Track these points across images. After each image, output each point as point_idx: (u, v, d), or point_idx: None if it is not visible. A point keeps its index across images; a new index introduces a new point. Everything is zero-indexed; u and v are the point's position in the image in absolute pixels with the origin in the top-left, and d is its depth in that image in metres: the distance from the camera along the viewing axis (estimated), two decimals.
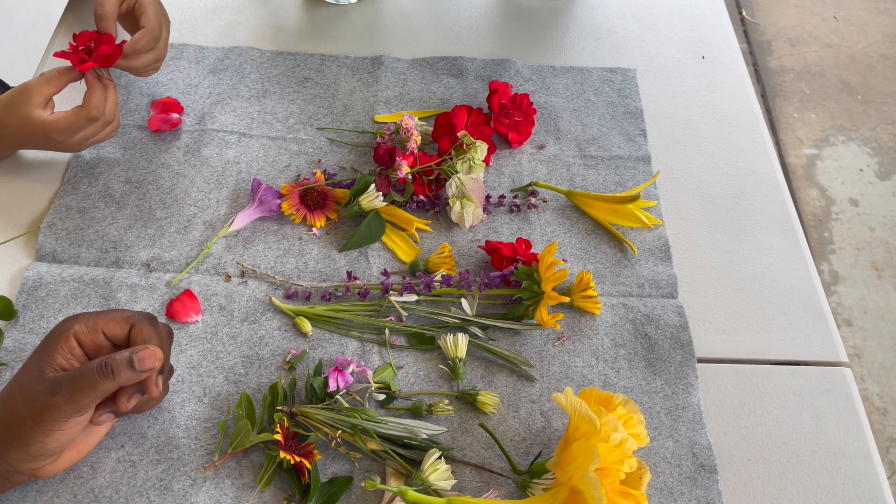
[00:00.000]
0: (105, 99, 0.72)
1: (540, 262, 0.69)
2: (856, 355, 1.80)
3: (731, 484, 0.64)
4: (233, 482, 0.61)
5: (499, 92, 0.84)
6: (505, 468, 0.63)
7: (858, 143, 2.23)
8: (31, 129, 0.71)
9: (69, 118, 0.71)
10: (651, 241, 0.78)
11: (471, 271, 0.74)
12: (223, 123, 0.85)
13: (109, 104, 0.73)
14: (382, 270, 0.73)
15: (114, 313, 0.57)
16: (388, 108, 0.88)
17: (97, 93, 0.72)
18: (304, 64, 0.92)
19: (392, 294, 0.70)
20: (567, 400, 0.58)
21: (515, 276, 0.70)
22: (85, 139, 0.74)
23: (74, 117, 0.71)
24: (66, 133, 0.72)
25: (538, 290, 0.68)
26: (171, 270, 0.73)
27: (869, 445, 0.67)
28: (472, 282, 0.71)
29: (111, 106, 0.73)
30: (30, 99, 0.70)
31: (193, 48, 0.93)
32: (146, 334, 0.56)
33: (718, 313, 0.74)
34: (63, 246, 0.73)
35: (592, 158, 0.85)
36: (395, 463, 0.61)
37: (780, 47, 2.48)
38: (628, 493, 0.57)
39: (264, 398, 0.64)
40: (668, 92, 0.94)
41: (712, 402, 0.69)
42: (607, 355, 0.70)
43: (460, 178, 0.77)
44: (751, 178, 0.86)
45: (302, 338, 0.69)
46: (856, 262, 1.97)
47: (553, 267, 0.68)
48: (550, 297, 0.67)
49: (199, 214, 0.77)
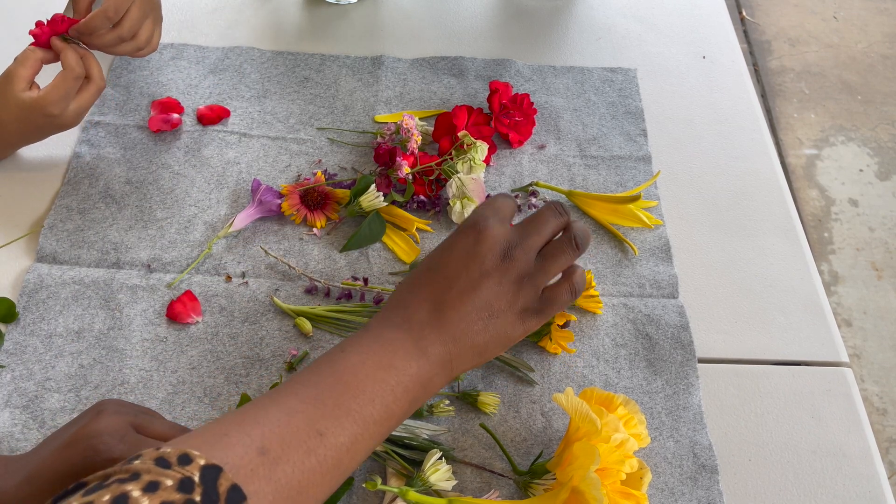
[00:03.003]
0: (81, 57, 0.73)
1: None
2: (856, 355, 1.81)
3: (732, 484, 0.64)
4: None
5: (499, 92, 0.84)
6: (506, 469, 0.63)
7: (858, 144, 2.23)
8: (27, 113, 0.72)
9: (56, 85, 0.72)
10: (652, 241, 0.78)
11: None
12: (223, 123, 0.85)
13: (88, 62, 0.74)
14: (397, 284, 0.72)
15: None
16: (388, 108, 0.88)
17: (69, 52, 0.72)
18: (304, 64, 0.92)
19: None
20: (568, 400, 0.58)
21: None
22: (79, 107, 0.74)
23: (60, 81, 0.72)
24: (60, 102, 0.72)
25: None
26: (171, 271, 0.73)
27: (869, 445, 0.67)
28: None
29: (91, 63, 0.74)
30: (13, 84, 0.71)
31: (193, 48, 0.93)
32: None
33: (719, 313, 0.74)
34: (64, 247, 0.73)
35: (593, 158, 0.85)
36: (395, 463, 0.61)
37: (780, 47, 2.48)
38: (629, 494, 0.57)
39: None
40: (669, 92, 0.94)
41: (713, 402, 0.69)
42: (608, 355, 0.70)
43: (461, 178, 0.77)
44: (751, 178, 0.86)
45: (303, 338, 0.69)
46: (855, 263, 1.97)
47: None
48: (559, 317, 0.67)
49: (200, 215, 0.77)
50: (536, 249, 0.55)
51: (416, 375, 0.51)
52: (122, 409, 0.56)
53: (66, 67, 0.72)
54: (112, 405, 0.56)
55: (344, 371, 0.49)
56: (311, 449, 0.45)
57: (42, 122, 0.73)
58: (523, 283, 0.54)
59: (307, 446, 0.44)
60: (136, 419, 0.56)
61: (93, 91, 0.75)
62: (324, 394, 0.47)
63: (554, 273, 0.56)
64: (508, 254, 0.54)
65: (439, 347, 0.52)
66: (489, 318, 0.53)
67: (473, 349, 0.53)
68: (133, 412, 0.56)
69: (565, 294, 0.56)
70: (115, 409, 0.56)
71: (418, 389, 0.51)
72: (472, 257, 0.54)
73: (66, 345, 0.67)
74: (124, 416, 0.55)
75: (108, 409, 0.56)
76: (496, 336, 0.54)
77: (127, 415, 0.56)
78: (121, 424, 0.55)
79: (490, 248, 0.54)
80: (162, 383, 0.66)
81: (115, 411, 0.56)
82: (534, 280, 0.55)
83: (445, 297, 0.53)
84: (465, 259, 0.54)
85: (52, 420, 0.63)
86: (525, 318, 0.54)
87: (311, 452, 0.44)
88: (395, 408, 0.49)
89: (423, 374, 0.51)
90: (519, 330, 0.54)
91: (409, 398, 0.50)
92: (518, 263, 0.54)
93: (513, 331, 0.54)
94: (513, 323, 0.54)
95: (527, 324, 0.55)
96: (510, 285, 0.54)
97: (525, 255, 0.54)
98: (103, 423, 0.54)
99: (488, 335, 0.53)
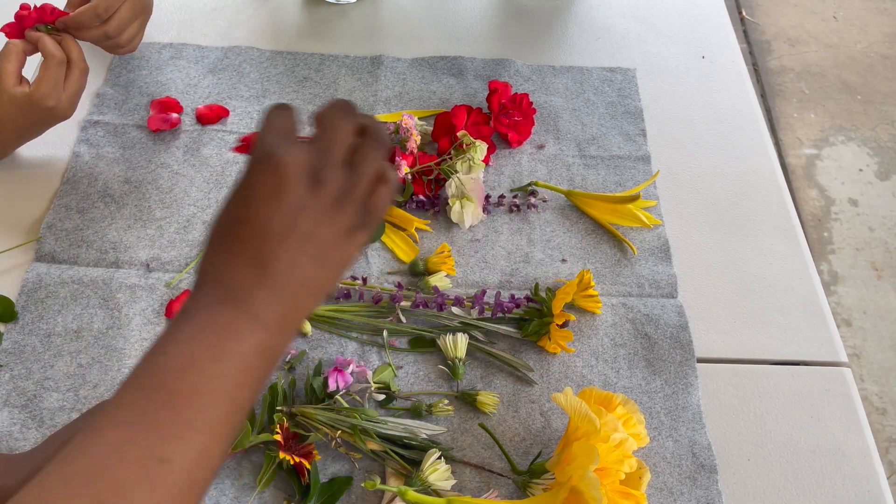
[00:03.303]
0: (58, 42, 0.73)
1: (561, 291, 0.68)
2: (855, 355, 1.80)
3: (731, 484, 0.64)
4: (233, 482, 0.61)
5: (498, 92, 0.84)
6: (505, 468, 0.63)
7: (858, 143, 2.23)
8: (22, 109, 0.72)
9: (43, 76, 0.71)
10: (651, 240, 0.78)
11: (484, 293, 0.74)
12: (222, 123, 0.85)
13: (66, 45, 0.74)
14: (397, 283, 0.72)
15: None
16: (387, 108, 0.88)
17: (45, 39, 0.72)
18: (303, 63, 0.92)
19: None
20: (567, 400, 0.58)
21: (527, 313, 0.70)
22: (71, 94, 0.74)
23: (45, 71, 0.72)
24: (53, 92, 0.72)
25: (549, 319, 0.68)
26: (170, 270, 0.73)
27: (868, 445, 0.67)
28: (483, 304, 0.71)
29: (70, 47, 0.74)
30: (2, 81, 0.71)
31: (193, 48, 0.92)
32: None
33: (718, 313, 0.74)
34: (63, 246, 0.73)
35: (592, 158, 0.85)
36: (394, 463, 0.61)
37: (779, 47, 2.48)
38: (628, 493, 0.57)
39: (264, 398, 0.64)
40: (668, 92, 0.94)
41: (712, 402, 0.69)
42: (607, 355, 0.70)
43: (460, 177, 0.77)
44: (750, 177, 0.86)
45: (301, 338, 0.69)
46: (855, 263, 1.97)
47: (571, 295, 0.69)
48: (559, 317, 0.67)
49: (199, 214, 0.77)
50: (342, 161, 0.48)
51: (256, 349, 0.44)
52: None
53: (47, 55, 0.72)
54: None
55: (172, 379, 0.42)
56: (156, 482, 0.38)
57: (39, 116, 0.73)
58: (342, 201, 0.48)
59: (150, 481, 0.38)
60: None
61: (77, 75, 0.74)
62: (156, 413, 0.40)
63: (369, 179, 0.49)
64: (315, 177, 0.47)
65: (275, 307, 0.45)
66: (319, 252, 0.47)
67: (311, 291, 0.48)
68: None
69: (385, 196, 0.50)
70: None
71: (263, 364, 0.45)
72: (279, 195, 0.46)
73: (65, 344, 0.67)
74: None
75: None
76: (331, 267, 0.48)
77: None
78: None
79: (294, 178, 0.46)
80: None
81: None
82: (351, 194, 0.48)
83: (264, 249, 0.46)
84: (271, 200, 0.46)
85: (50, 419, 0.63)
86: (353, 235, 0.48)
87: (157, 485, 0.38)
88: (242, 394, 0.43)
89: (264, 344, 0.45)
90: (352, 251, 0.49)
91: (256, 377, 0.44)
92: (330, 183, 0.47)
93: (346, 254, 0.48)
94: (343, 245, 0.48)
95: (357, 240, 0.49)
96: (330, 209, 0.47)
97: (334, 172, 0.47)
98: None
99: (324, 270, 0.48)
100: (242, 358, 0.43)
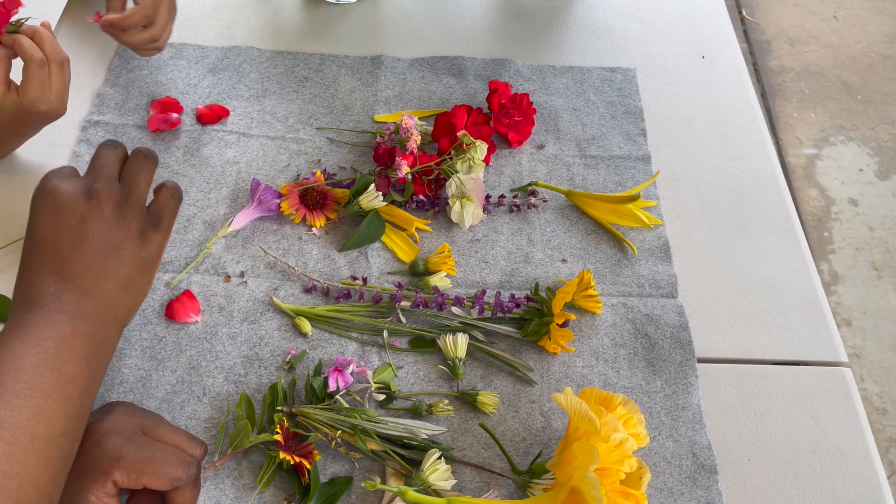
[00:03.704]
0: (35, 42, 0.69)
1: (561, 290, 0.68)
2: (855, 355, 1.80)
3: (731, 484, 0.64)
4: (233, 483, 0.61)
5: (499, 91, 0.84)
6: (505, 468, 0.63)
7: (858, 143, 2.23)
8: (14, 116, 0.70)
9: (28, 80, 0.69)
10: (651, 240, 0.78)
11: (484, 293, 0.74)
12: (222, 123, 0.85)
13: (39, 40, 0.70)
14: (397, 283, 0.72)
15: (160, 468, 0.53)
16: (387, 108, 0.88)
17: (21, 40, 0.69)
18: (303, 63, 0.92)
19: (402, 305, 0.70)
20: (567, 400, 0.58)
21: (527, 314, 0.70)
22: (58, 92, 0.71)
23: (28, 74, 0.69)
24: (43, 95, 0.69)
25: (549, 319, 0.68)
26: (170, 271, 0.73)
27: (869, 445, 0.67)
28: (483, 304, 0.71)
29: (42, 41, 0.70)
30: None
31: (193, 48, 0.92)
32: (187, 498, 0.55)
33: (718, 313, 0.74)
34: None
35: (592, 158, 0.85)
36: (394, 463, 0.61)
37: (779, 47, 2.48)
38: (628, 493, 0.57)
39: (264, 398, 0.64)
40: (668, 92, 0.94)
41: (712, 402, 0.69)
42: (607, 355, 0.70)
43: (460, 177, 0.77)
44: (750, 177, 0.86)
45: (302, 338, 0.69)
46: (855, 262, 1.97)
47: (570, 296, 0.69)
48: (559, 317, 0.67)
49: (199, 214, 0.77)
50: (113, 177, 0.57)
51: (75, 332, 0.52)
52: (132, 411, 0.57)
53: (27, 58, 0.68)
54: (122, 406, 0.57)
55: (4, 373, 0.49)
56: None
57: (34, 119, 0.71)
58: (123, 209, 0.56)
59: None
60: (144, 421, 0.56)
61: (56, 70, 0.71)
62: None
63: (143, 187, 0.58)
64: (89, 192, 0.56)
65: (86, 301, 0.53)
66: (115, 254, 0.55)
67: (121, 287, 0.56)
68: (142, 415, 0.57)
69: (168, 200, 0.60)
70: (124, 410, 0.57)
71: (88, 343, 0.52)
72: (61, 214, 0.55)
73: None
74: (133, 418, 0.56)
75: (118, 409, 0.56)
76: (133, 266, 0.56)
77: (136, 416, 0.56)
78: (129, 425, 0.55)
79: (70, 197, 0.55)
80: (161, 383, 0.66)
81: (125, 412, 0.56)
82: (130, 201, 0.57)
83: (62, 260, 0.54)
84: (55, 220, 0.55)
85: None
86: (148, 237, 0.57)
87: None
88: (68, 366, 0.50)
89: (82, 329, 0.52)
90: (150, 250, 0.57)
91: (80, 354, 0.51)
92: (104, 194, 0.56)
93: (145, 253, 0.57)
94: (140, 246, 0.57)
95: (153, 241, 0.58)
96: (112, 217, 0.56)
97: (106, 185, 0.56)
98: (112, 421, 0.55)
99: (126, 269, 0.56)
100: (62, 340, 0.51)
